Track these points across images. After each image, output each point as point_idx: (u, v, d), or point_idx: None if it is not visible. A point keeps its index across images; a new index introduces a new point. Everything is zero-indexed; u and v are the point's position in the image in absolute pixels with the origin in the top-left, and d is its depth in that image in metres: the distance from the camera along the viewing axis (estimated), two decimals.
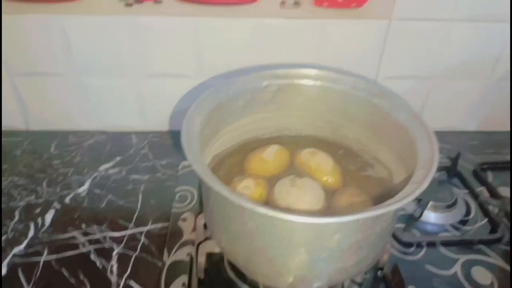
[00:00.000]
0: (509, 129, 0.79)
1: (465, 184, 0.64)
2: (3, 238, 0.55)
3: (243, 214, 0.37)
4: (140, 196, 0.63)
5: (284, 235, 0.36)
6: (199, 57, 0.68)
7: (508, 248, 0.54)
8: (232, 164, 0.53)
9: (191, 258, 0.52)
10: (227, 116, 0.51)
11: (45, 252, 0.54)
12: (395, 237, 0.54)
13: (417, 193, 0.34)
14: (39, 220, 0.58)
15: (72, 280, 0.50)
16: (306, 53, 0.68)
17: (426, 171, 0.36)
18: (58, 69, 0.69)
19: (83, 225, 0.58)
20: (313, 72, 0.53)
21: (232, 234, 0.41)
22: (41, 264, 0.52)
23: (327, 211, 0.44)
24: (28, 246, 0.54)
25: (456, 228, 0.57)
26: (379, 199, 0.47)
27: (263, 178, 0.49)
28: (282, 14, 0.64)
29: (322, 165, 0.50)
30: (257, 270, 0.42)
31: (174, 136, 0.76)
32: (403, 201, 0.33)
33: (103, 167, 0.69)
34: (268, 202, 0.46)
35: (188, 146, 0.39)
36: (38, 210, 0.60)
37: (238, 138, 0.55)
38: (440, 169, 0.66)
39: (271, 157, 0.52)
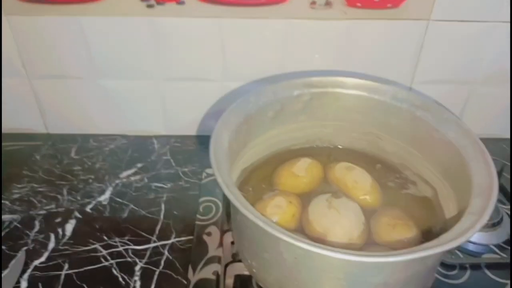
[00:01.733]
0: None
1: (510, 199, 0.60)
2: (24, 248, 0.54)
3: (279, 244, 0.34)
4: (162, 206, 0.61)
5: (323, 269, 0.33)
6: (225, 60, 0.65)
7: None
8: (261, 177, 0.50)
9: (217, 277, 0.49)
10: (255, 128, 0.48)
11: (66, 266, 0.52)
12: None
13: (477, 227, 0.30)
14: (60, 231, 0.57)
15: None
16: (338, 56, 0.64)
17: (486, 200, 0.32)
18: (78, 71, 0.67)
19: (105, 237, 0.56)
20: (349, 80, 0.49)
21: (265, 262, 0.38)
22: (62, 278, 0.50)
23: (368, 236, 0.41)
24: (49, 258, 0.53)
25: (502, 249, 0.53)
26: (422, 221, 0.43)
27: (294, 194, 0.46)
28: (312, 15, 0.60)
29: (360, 182, 0.46)
30: None
31: (198, 141, 0.74)
32: (462, 238, 0.30)
33: (124, 174, 0.67)
34: (302, 223, 0.43)
35: (217, 168, 0.36)
36: (58, 220, 0.58)
37: (267, 150, 0.52)
38: None
39: (302, 172, 0.49)
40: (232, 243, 0.50)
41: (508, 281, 0.49)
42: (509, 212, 0.58)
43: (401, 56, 0.65)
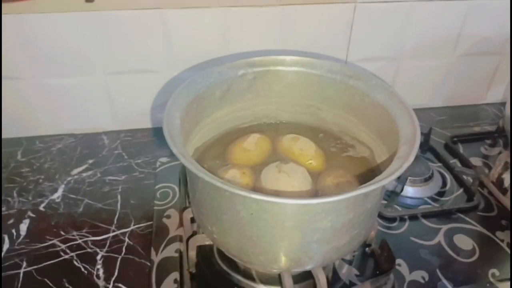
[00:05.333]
0: (472, 103, 0.84)
1: (439, 157, 0.67)
2: None
3: (236, 203, 0.36)
4: (119, 197, 0.61)
5: (278, 220, 0.36)
6: (169, 50, 0.66)
7: (484, 214, 0.57)
8: (214, 156, 0.52)
9: (181, 254, 0.51)
10: (205, 108, 0.51)
11: (24, 264, 0.51)
12: (379, 214, 0.56)
13: (404, 167, 0.35)
14: (14, 231, 0.56)
15: None
16: (276, 40, 0.68)
17: (411, 146, 0.37)
18: (19, 71, 0.65)
19: (62, 232, 0.56)
20: (288, 58, 0.53)
21: (224, 225, 0.40)
22: (21, 276, 0.50)
23: (315, 193, 0.45)
24: (5, 259, 0.52)
25: (435, 200, 0.60)
26: (362, 178, 0.48)
27: (247, 166, 0.49)
28: (250, 2, 0.63)
29: (305, 149, 0.50)
30: (251, 259, 0.41)
31: (149, 133, 0.75)
32: (392, 176, 0.34)
33: (75, 171, 0.66)
34: (255, 190, 0.46)
35: (171, 141, 0.38)
36: (11, 221, 0.57)
37: (217, 129, 0.54)
38: None
39: (252, 146, 0.52)
40: (192, 220, 0.52)
41: (442, 226, 0.55)
42: (439, 170, 0.65)
43: (335, 36, 0.70)
